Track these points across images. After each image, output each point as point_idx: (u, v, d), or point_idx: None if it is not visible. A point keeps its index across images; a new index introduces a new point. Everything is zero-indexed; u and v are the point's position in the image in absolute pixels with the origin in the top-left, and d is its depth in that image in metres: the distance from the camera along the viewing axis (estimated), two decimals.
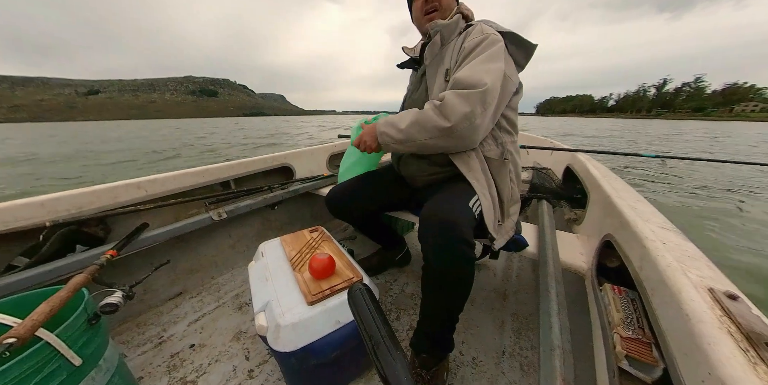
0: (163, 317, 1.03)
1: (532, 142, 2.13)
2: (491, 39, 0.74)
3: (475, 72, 0.68)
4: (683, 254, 0.53)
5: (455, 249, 0.59)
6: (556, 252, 0.80)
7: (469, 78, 0.68)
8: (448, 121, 0.67)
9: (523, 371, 0.81)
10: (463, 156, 0.77)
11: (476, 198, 0.71)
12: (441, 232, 0.60)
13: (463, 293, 0.67)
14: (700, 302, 0.40)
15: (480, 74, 0.68)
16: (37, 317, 0.49)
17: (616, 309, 0.56)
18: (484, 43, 0.73)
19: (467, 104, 0.66)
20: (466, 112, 0.66)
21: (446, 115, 0.67)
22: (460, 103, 0.66)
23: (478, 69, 0.69)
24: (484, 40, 0.73)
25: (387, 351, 0.38)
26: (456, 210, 0.64)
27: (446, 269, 0.62)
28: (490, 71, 0.69)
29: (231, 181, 1.35)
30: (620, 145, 12.54)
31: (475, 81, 0.67)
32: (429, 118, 0.69)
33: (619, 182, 1.05)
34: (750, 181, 5.41)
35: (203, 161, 8.77)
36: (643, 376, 0.46)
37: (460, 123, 0.67)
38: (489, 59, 0.70)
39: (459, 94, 0.67)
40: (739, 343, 0.34)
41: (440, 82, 0.79)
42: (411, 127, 0.72)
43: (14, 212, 0.80)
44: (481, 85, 0.66)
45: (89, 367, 0.55)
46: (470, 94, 0.66)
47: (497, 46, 0.73)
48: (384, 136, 0.77)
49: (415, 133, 0.72)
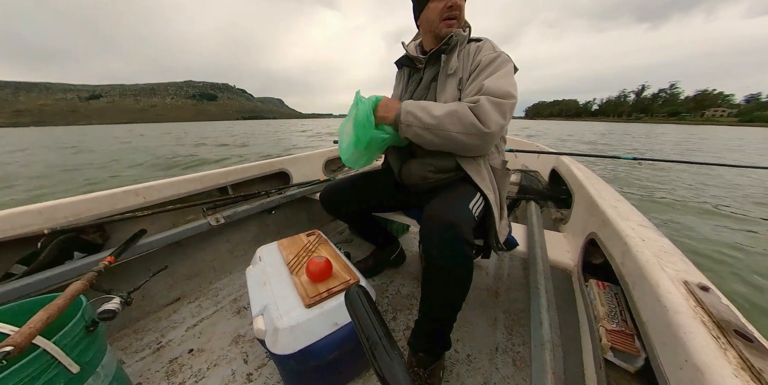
0: (162, 323, 1.03)
1: (520, 146, 2.21)
2: (503, 57, 0.79)
3: (503, 84, 0.72)
4: (660, 250, 0.55)
5: (458, 248, 0.62)
6: (545, 251, 0.82)
7: (500, 89, 0.71)
8: (485, 126, 0.69)
9: (516, 366, 0.84)
10: (474, 164, 0.79)
11: (475, 200, 0.74)
12: (445, 231, 0.62)
13: (463, 290, 0.70)
14: (677, 294, 0.42)
15: (508, 87, 0.72)
16: (34, 325, 0.49)
17: (601, 303, 0.58)
18: (499, 60, 0.77)
19: (501, 115, 0.69)
20: (500, 122, 0.69)
21: (483, 119, 0.69)
22: (494, 111, 0.69)
23: (504, 82, 0.72)
24: (498, 57, 0.78)
25: (384, 351, 0.39)
26: (458, 211, 0.67)
27: (449, 266, 0.64)
28: (514, 86, 0.73)
29: (228, 187, 1.36)
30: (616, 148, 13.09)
31: (504, 92, 0.70)
32: (468, 115, 0.69)
33: (600, 183, 1.09)
34: (717, 180, 5.78)
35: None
36: (627, 366, 0.48)
37: (494, 128, 0.69)
38: (510, 74, 0.76)
39: (494, 102, 0.69)
40: (711, 331, 0.37)
41: (452, 90, 0.81)
42: (447, 117, 0.71)
43: (12, 219, 0.80)
44: (510, 98, 0.70)
45: (87, 374, 0.55)
46: (503, 104, 0.69)
47: (510, 66, 0.78)
48: (410, 117, 0.74)
49: (449, 124, 0.70)
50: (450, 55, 0.83)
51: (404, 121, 0.75)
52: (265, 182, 1.56)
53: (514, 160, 2.12)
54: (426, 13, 0.85)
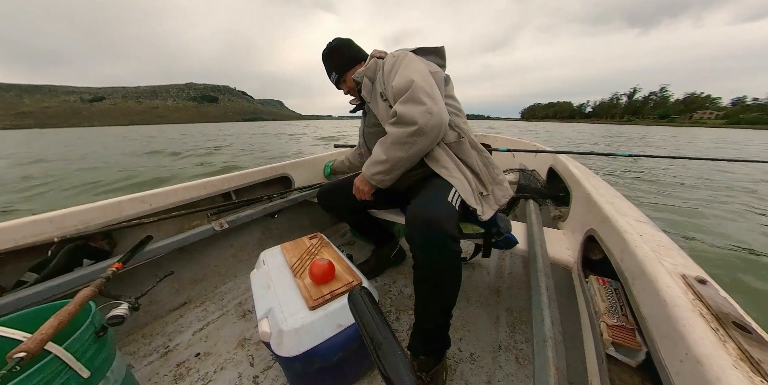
0: (169, 327, 1.04)
1: (518, 145, 2.22)
2: (400, 55, 0.88)
3: (402, 77, 0.79)
4: (658, 245, 0.55)
5: (441, 245, 0.63)
6: (545, 248, 0.83)
7: (401, 83, 0.77)
8: (413, 124, 0.73)
9: (519, 363, 0.84)
10: (432, 155, 0.83)
11: (452, 192, 0.75)
12: (426, 230, 0.63)
13: (453, 286, 0.70)
14: (675, 288, 0.43)
15: (406, 76, 0.77)
16: (45, 331, 0.50)
17: (601, 299, 0.58)
18: (395, 59, 0.87)
19: (416, 103, 0.73)
20: (421, 109, 0.73)
21: (408, 121, 0.73)
22: (410, 107, 0.73)
23: (403, 74, 0.80)
24: (396, 59, 0.87)
25: (388, 352, 0.39)
26: (437, 207, 0.68)
27: (435, 264, 0.65)
28: (413, 71, 0.79)
29: (232, 193, 1.38)
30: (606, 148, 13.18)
31: (406, 81, 0.76)
32: (398, 133, 0.75)
33: (597, 180, 1.10)
34: (710, 174, 6.02)
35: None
36: (629, 360, 0.49)
37: (423, 118, 0.72)
38: (407, 66, 0.82)
39: (403, 101, 0.75)
40: (710, 323, 0.37)
41: (382, 104, 0.90)
42: (390, 151, 0.78)
43: (23, 229, 0.82)
44: (411, 83, 0.75)
45: (97, 379, 0.56)
46: (410, 95, 0.74)
47: (408, 57, 0.86)
48: (375, 177, 0.84)
49: (397, 153, 0.78)
50: (367, 87, 0.96)
51: (377, 181, 0.86)
52: (267, 187, 1.58)
53: (512, 159, 2.13)
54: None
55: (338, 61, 1.04)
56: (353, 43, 1.06)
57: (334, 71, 1.05)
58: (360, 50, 1.05)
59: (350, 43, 1.05)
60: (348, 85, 1.05)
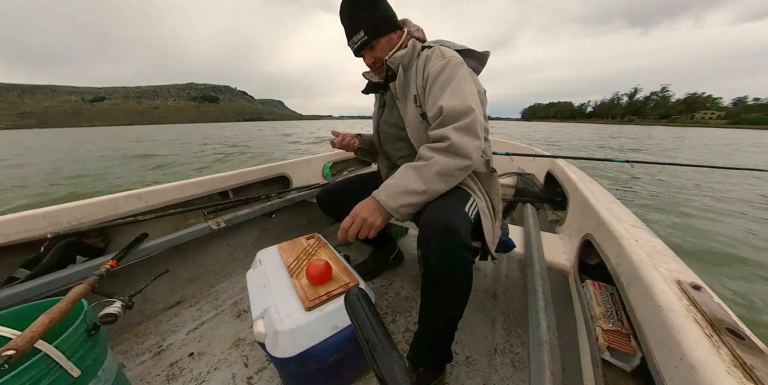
0: (162, 326, 1.03)
1: (516, 149, 2.24)
2: (453, 62, 0.73)
3: (458, 98, 0.69)
4: (653, 250, 0.56)
5: (456, 253, 0.60)
6: (541, 252, 0.83)
7: (458, 107, 0.68)
8: (468, 158, 0.67)
9: (515, 367, 0.84)
10: None
11: (470, 203, 0.72)
12: (442, 236, 0.60)
13: (464, 297, 0.67)
14: (670, 294, 0.43)
15: (464, 101, 0.68)
16: (35, 329, 0.49)
17: (597, 303, 0.59)
18: (449, 68, 0.72)
19: (474, 137, 0.67)
20: (477, 145, 0.67)
21: (464, 154, 0.66)
22: (468, 140, 0.66)
23: (460, 95, 0.69)
24: (447, 64, 0.73)
25: (384, 354, 0.39)
26: (455, 216, 0.64)
27: (448, 272, 0.62)
28: (470, 95, 0.70)
29: (229, 191, 1.37)
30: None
31: (464, 107, 0.68)
32: (449, 165, 0.66)
33: (595, 185, 1.11)
34: (707, 182, 5.86)
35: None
36: (623, 365, 0.49)
37: (476, 154, 0.68)
38: (462, 85, 0.71)
39: (460, 130, 0.67)
40: (704, 329, 0.37)
41: (412, 107, 0.80)
42: (432, 182, 0.67)
43: (15, 224, 0.81)
44: (471, 112, 0.67)
45: (88, 378, 0.55)
46: (469, 126, 0.67)
47: (462, 69, 0.73)
48: (402, 209, 0.67)
49: (439, 186, 0.67)
50: (399, 79, 0.82)
51: (402, 214, 0.67)
52: (265, 186, 1.57)
53: (510, 163, 2.15)
54: (366, 63, 0.88)
55: (372, 17, 0.78)
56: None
57: (362, 30, 0.78)
58: (395, 13, 0.83)
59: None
60: (376, 55, 0.81)
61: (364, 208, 0.69)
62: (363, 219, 0.68)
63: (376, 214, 0.68)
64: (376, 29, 0.79)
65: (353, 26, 0.79)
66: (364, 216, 0.68)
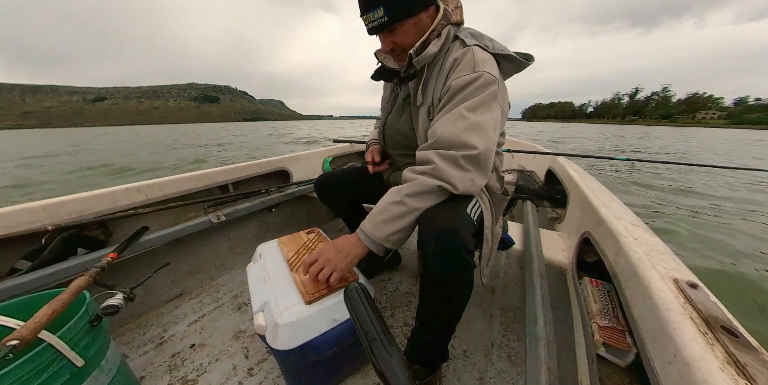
0: (164, 318, 1.05)
1: (517, 146, 2.24)
2: (483, 81, 0.61)
3: (457, 132, 0.60)
4: (651, 249, 0.56)
5: (456, 255, 0.57)
6: (540, 249, 0.84)
7: (452, 139, 0.60)
8: (454, 188, 0.61)
9: (511, 361, 0.85)
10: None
11: (472, 204, 0.68)
12: (442, 238, 0.57)
13: (463, 300, 0.66)
14: (667, 292, 0.44)
15: (464, 135, 0.59)
16: (39, 320, 0.49)
17: (594, 300, 0.60)
18: (475, 85, 0.61)
19: (460, 169, 0.61)
20: (468, 178, 0.62)
21: (448, 179, 0.61)
22: (452, 169, 0.60)
23: (464, 125, 0.60)
24: (474, 80, 0.61)
25: (382, 347, 0.40)
26: (456, 216, 0.61)
27: (447, 274, 0.59)
28: (483, 125, 0.61)
29: (229, 185, 1.37)
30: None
31: (459, 143, 0.59)
32: (428, 184, 0.61)
33: (595, 183, 1.11)
34: (706, 181, 5.79)
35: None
36: (618, 361, 0.50)
37: (463, 185, 0.62)
38: (481, 107, 0.61)
39: (444, 157, 0.60)
40: (699, 327, 0.38)
41: (423, 119, 0.72)
42: (413, 200, 0.62)
43: (16, 216, 0.81)
44: (468, 149, 0.60)
45: (91, 368, 0.56)
46: (465, 157, 0.60)
47: (490, 91, 0.61)
48: (392, 237, 0.62)
49: (428, 203, 0.62)
50: (418, 82, 0.70)
51: (394, 242, 0.63)
52: (265, 180, 1.57)
53: (511, 160, 2.15)
54: (382, 47, 0.71)
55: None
56: None
57: (382, 7, 0.60)
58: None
59: None
60: (397, 40, 0.66)
61: (347, 246, 0.64)
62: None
63: (354, 248, 0.65)
64: (401, 9, 0.61)
65: (369, 2, 0.61)
66: (345, 248, 0.64)
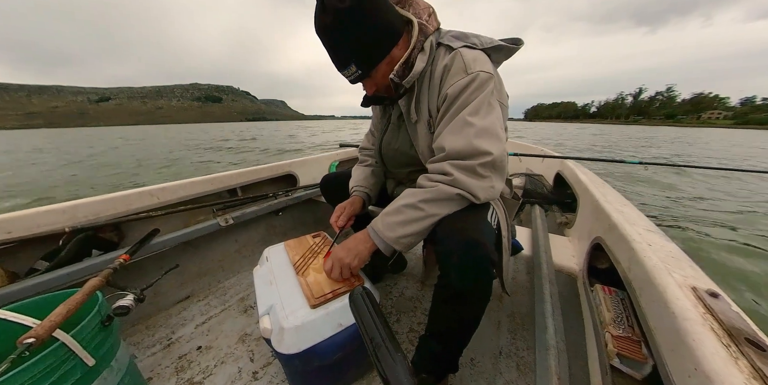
0: (172, 320, 1.06)
1: (525, 150, 2.21)
2: (479, 81, 0.59)
3: (467, 141, 0.58)
4: (667, 255, 0.54)
5: (483, 269, 0.54)
6: (549, 255, 0.82)
7: (464, 148, 0.58)
8: (476, 198, 0.59)
9: (520, 370, 0.82)
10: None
11: (491, 212, 0.65)
12: (470, 251, 0.54)
13: (480, 312, 0.62)
14: (685, 301, 0.42)
15: (475, 142, 0.57)
16: (54, 319, 0.51)
17: (606, 309, 0.57)
18: (472, 88, 0.59)
19: (479, 177, 0.59)
20: (489, 186, 0.60)
21: (468, 189, 0.59)
22: (471, 179, 0.59)
23: (473, 133, 0.58)
24: (470, 83, 0.59)
25: (387, 353, 0.39)
26: (480, 226, 0.58)
27: (468, 288, 0.56)
28: (490, 128, 0.59)
29: (238, 189, 1.40)
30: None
31: (471, 151, 0.58)
32: (446, 191, 0.59)
33: (606, 187, 1.09)
34: (724, 187, 5.48)
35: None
36: (634, 373, 0.48)
37: (483, 194, 0.60)
38: (487, 114, 0.59)
39: (461, 168, 0.58)
40: (722, 339, 0.36)
41: (423, 136, 0.70)
42: (430, 206, 0.60)
43: (37, 218, 0.85)
44: (482, 156, 0.58)
45: (102, 367, 0.57)
46: (482, 165, 0.58)
47: (488, 88, 0.60)
48: (403, 240, 0.61)
49: (446, 210, 0.60)
50: (410, 99, 0.68)
51: (405, 245, 0.62)
52: (272, 184, 1.59)
53: (518, 163, 2.12)
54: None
55: (364, 40, 0.58)
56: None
57: (353, 64, 0.59)
58: (394, 11, 0.61)
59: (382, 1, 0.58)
60: (378, 82, 0.65)
61: (357, 243, 0.65)
62: (350, 251, 0.65)
63: (363, 245, 0.65)
64: (371, 57, 0.60)
65: (340, 58, 0.61)
66: (353, 247, 0.65)
